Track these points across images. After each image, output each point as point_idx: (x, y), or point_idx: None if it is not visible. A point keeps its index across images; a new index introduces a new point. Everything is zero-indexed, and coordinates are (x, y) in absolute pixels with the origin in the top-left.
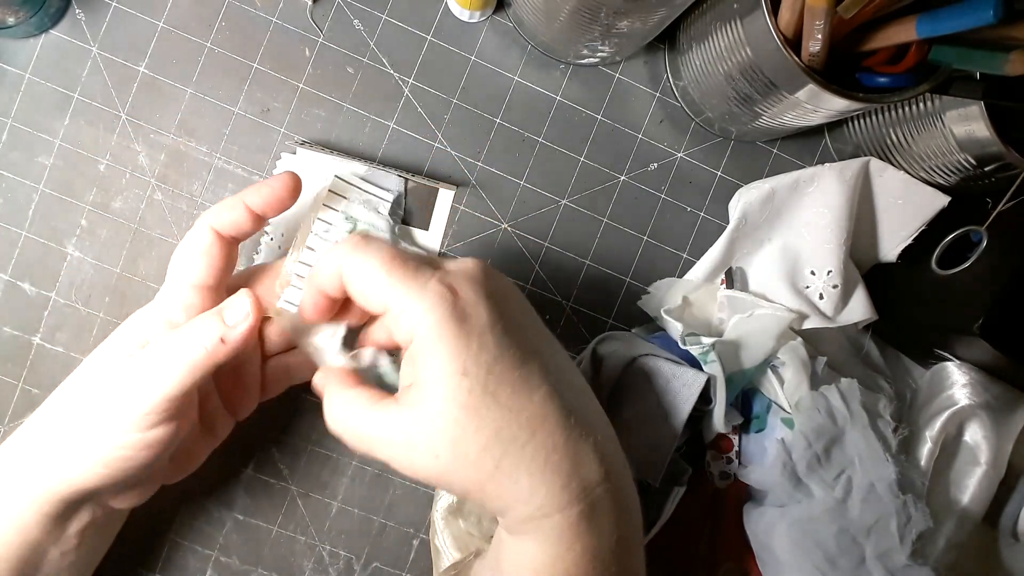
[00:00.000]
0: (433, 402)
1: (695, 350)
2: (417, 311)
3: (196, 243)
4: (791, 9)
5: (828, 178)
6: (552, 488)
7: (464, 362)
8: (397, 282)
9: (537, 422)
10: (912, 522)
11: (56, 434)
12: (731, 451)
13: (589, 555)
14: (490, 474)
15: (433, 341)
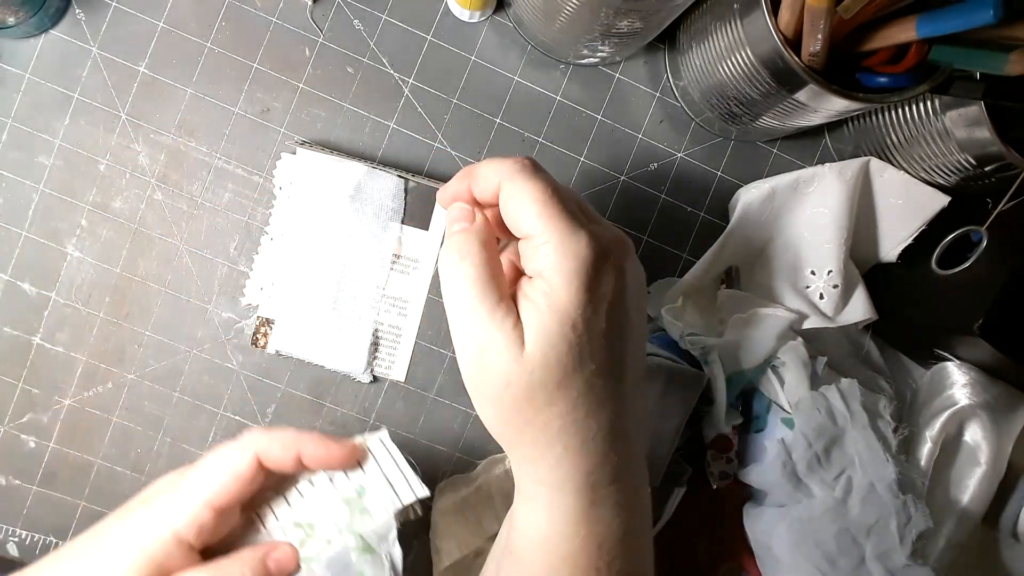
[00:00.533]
0: (535, 335)
1: (695, 350)
2: (560, 250)
3: (234, 464)
4: (791, 9)
5: (828, 178)
6: (578, 469)
7: (577, 318)
8: (553, 216)
9: (598, 405)
10: (912, 522)
11: None
12: (731, 451)
13: (595, 543)
14: (536, 426)
15: (562, 284)
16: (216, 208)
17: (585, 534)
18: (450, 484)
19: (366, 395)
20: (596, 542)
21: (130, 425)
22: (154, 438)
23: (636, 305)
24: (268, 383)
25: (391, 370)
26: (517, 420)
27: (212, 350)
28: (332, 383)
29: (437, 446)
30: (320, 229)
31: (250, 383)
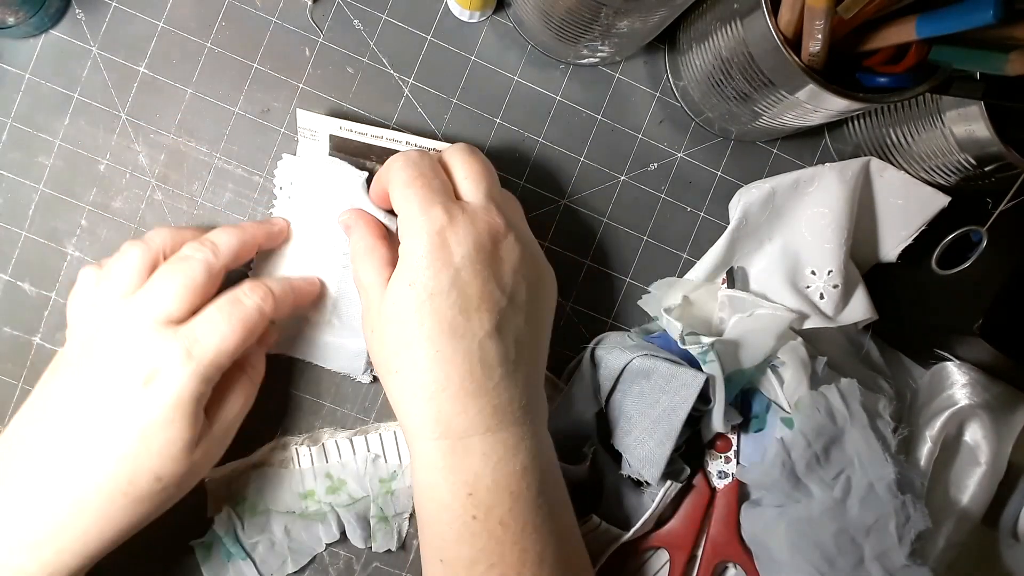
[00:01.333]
0: (387, 294)
1: (694, 350)
2: (410, 225)
3: (252, 326)
4: (791, 9)
5: (828, 178)
6: (430, 418)
7: (415, 278)
8: (410, 195)
9: (442, 360)
10: (911, 522)
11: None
12: (730, 451)
13: (464, 491)
14: (394, 376)
15: (407, 249)
16: (216, 208)
17: (453, 480)
18: None
19: (366, 395)
20: (465, 490)
21: None
22: None
23: (513, 284)
24: (269, 383)
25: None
26: (380, 367)
27: None
28: (332, 383)
29: None
30: (319, 229)
31: None
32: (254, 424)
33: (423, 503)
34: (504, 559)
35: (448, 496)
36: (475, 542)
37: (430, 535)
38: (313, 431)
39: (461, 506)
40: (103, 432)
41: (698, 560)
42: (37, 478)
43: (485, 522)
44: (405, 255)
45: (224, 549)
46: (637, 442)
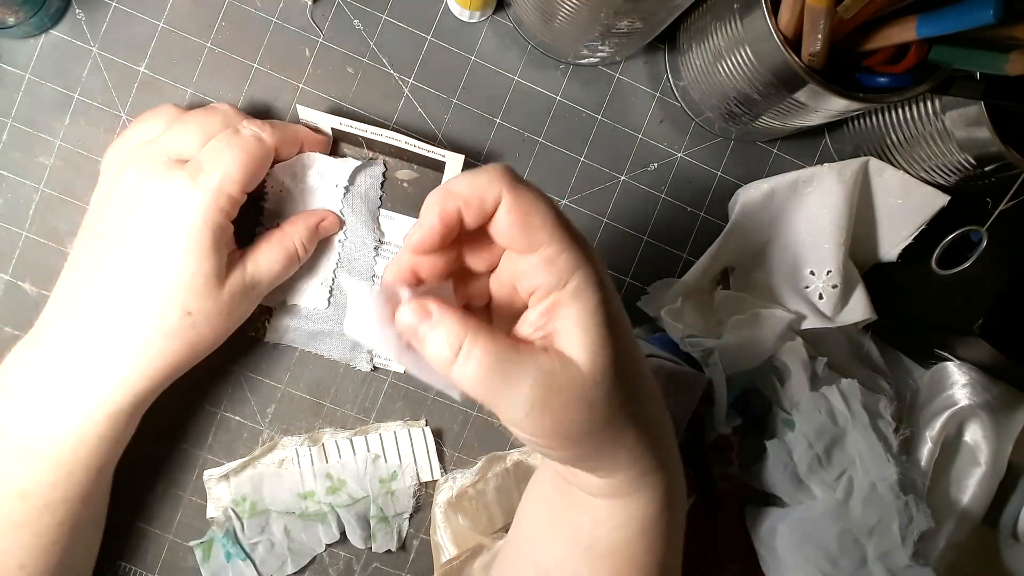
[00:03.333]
0: (583, 344)
1: (695, 352)
2: (578, 257)
3: (258, 158)
4: (791, 9)
5: (827, 178)
6: (647, 454)
7: (611, 312)
8: (565, 227)
9: (646, 396)
10: (914, 522)
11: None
12: (732, 452)
13: (664, 538)
14: (620, 429)
15: (590, 287)
16: None
17: (670, 520)
18: (450, 481)
19: (366, 395)
20: (665, 537)
21: None
22: (154, 439)
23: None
24: (268, 383)
25: (391, 361)
26: (604, 430)
27: None
28: (332, 383)
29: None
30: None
31: (250, 383)
32: (254, 424)
33: (608, 566)
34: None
35: (660, 543)
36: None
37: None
38: (313, 431)
39: (668, 546)
40: (130, 270)
41: (701, 562)
42: (78, 325)
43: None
44: (589, 291)
45: (224, 549)
46: None
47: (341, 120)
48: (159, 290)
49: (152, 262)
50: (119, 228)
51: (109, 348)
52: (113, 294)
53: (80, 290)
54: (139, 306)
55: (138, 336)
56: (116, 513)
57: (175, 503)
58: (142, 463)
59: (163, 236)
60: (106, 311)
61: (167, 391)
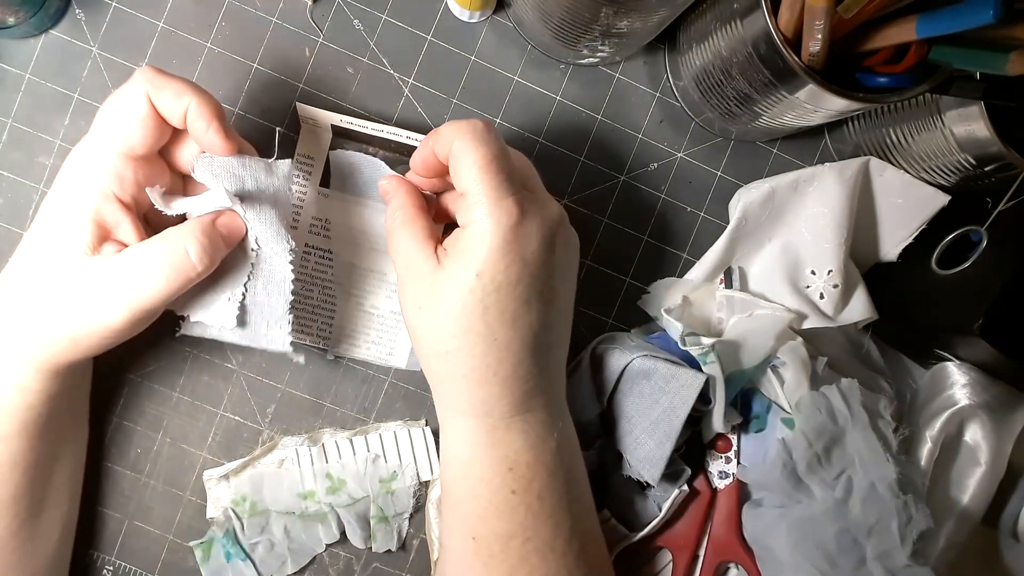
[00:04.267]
0: (445, 277)
1: (695, 350)
2: (481, 211)
3: (133, 110)
4: (791, 9)
5: (828, 178)
6: (478, 398)
7: (484, 269)
8: (487, 180)
9: (499, 348)
10: (913, 522)
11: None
12: (730, 451)
13: (505, 465)
14: (445, 358)
15: (476, 237)
16: None
17: (494, 456)
18: None
19: (366, 395)
20: (506, 464)
21: (130, 425)
22: (154, 438)
23: (561, 270)
24: (268, 383)
25: (392, 357)
26: (426, 345)
27: (212, 349)
28: (332, 383)
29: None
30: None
31: (250, 383)
32: (254, 424)
33: (459, 479)
34: (539, 533)
35: (489, 471)
36: (513, 516)
37: (464, 512)
38: (313, 431)
39: (502, 480)
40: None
41: (700, 560)
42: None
43: (524, 496)
44: (474, 243)
45: (224, 550)
46: (637, 442)
47: (341, 117)
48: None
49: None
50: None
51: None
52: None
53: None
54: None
55: (23, 287)
56: (116, 513)
57: (175, 503)
58: (142, 463)
59: (51, 192)
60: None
61: (167, 391)
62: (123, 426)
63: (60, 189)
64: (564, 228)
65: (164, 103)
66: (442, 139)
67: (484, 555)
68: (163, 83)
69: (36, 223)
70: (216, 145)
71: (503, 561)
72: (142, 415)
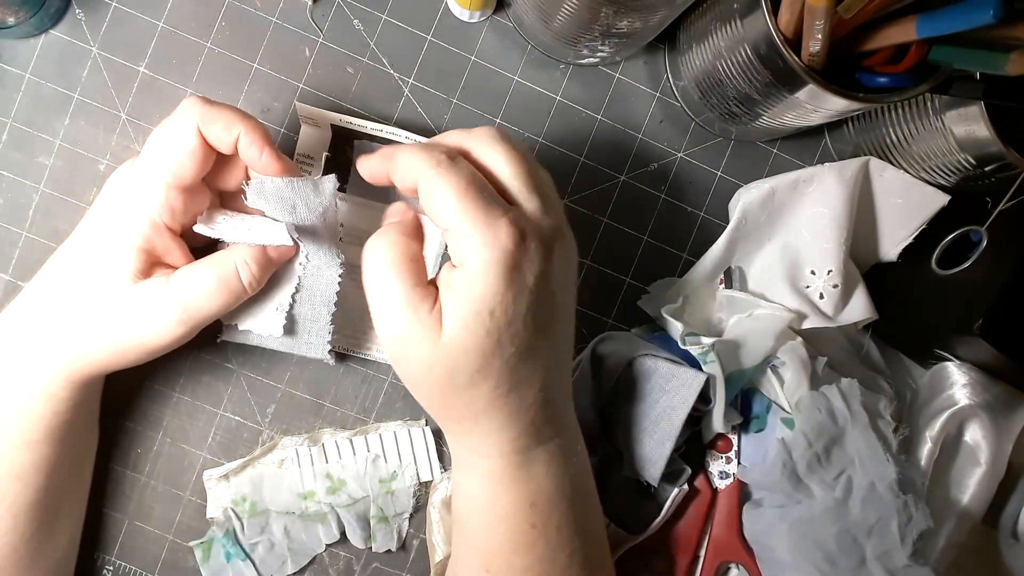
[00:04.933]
0: (452, 322)
1: (694, 350)
2: (475, 243)
3: (184, 143)
4: (791, 9)
5: (828, 178)
6: (504, 438)
7: (495, 305)
8: (470, 209)
9: (520, 382)
10: (913, 522)
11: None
12: (730, 451)
13: (527, 501)
14: (462, 405)
15: (480, 272)
16: None
17: (516, 492)
18: (445, 480)
19: (366, 395)
20: (528, 500)
21: (130, 425)
22: (154, 438)
23: (562, 283)
24: (268, 383)
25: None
26: (442, 400)
27: (212, 350)
28: (332, 383)
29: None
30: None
31: (250, 383)
32: (254, 424)
33: (477, 516)
34: (556, 563)
35: (510, 508)
36: (532, 551)
37: (479, 546)
38: (313, 431)
39: (523, 517)
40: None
41: (701, 561)
42: (24, 304)
43: (543, 530)
44: (474, 280)
45: (224, 550)
46: (637, 442)
47: (341, 116)
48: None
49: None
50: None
51: (41, 325)
52: (48, 272)
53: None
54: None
55: (62, 313)
56: (116, 513)
57: (175, 503)
58: (142, 463)
59: (93, 213)
60: (42, 289)
61: (167, 391)
62: (123, 426)
63: (105, 215)
64: (563, 236)
65: (215, 134)
66: (400, 171)
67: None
68: (213, 116)
69: (77, 244)
70: (270, 168)
71: None
72: (142, 415)
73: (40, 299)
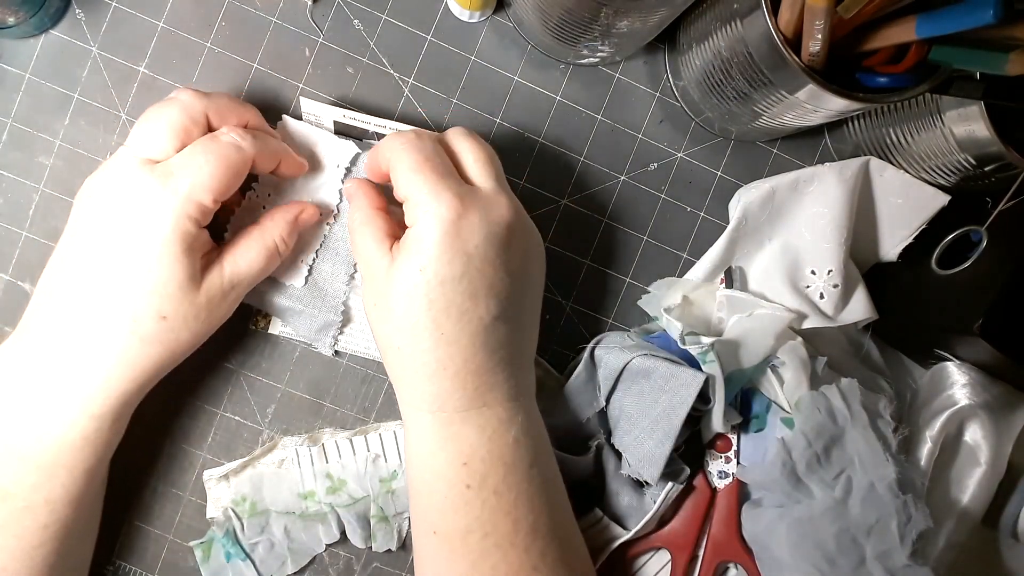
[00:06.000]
0: (393, 274)
1: (694, 350)
2: (421, 209)
3: (236, 177)
4: (791, 9)
5: (828, 178)
6: (431, 393)
7: (426, 263)
8: (419, 180)
9: (448, 342)
10: (912, 522)
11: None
12: (730, 451)
13: (459, 460)
14: (399, 354)
15: (418, 234)
16: None
17: (449, 451)
18: None
19: (366, 395)
20: (460, 459)
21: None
22: (154, 438)
23: (518, 268)
24: (268, 383)
25: (351, 344)
26: (381, 340)
27: (212, 349)
28: (332, 383)
29: None
30: (308, 198)
31: (250, 383)
32: (254, 424)
33: (417, 474)
34: (497, 528)
35: (444, 466)
36: (469, 511)
37: (424, 507)
38: (313, 431)
39: (456, 475)
40: (104, 274)
41: (699, 560)
42: (58, 328)
43: (479, 491)
44: (416, 240)
45: (224, 550)
46: (636, 441)
47: (344, 112)
48: (133, 296)
49: (124, 267)
50: (95, 231)
51: (89, 352)
52: (89, 298)
53: (59, 293)
54: (115, 311)
55: (116, 340)
56: (116, 513)
57: (175, 503)
58: (142, 463)
59: (134, 241)
60: (84, 315)
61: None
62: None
63: (145, 234)
64: (517, 221)
65: (261, 165)
66: (381, 154)
67: (445, 550)
68: (262, 148)
69: (111, 261)
70: (303, 169)
71: (464, 556)
72: (142, 415)
73: (78, 322)
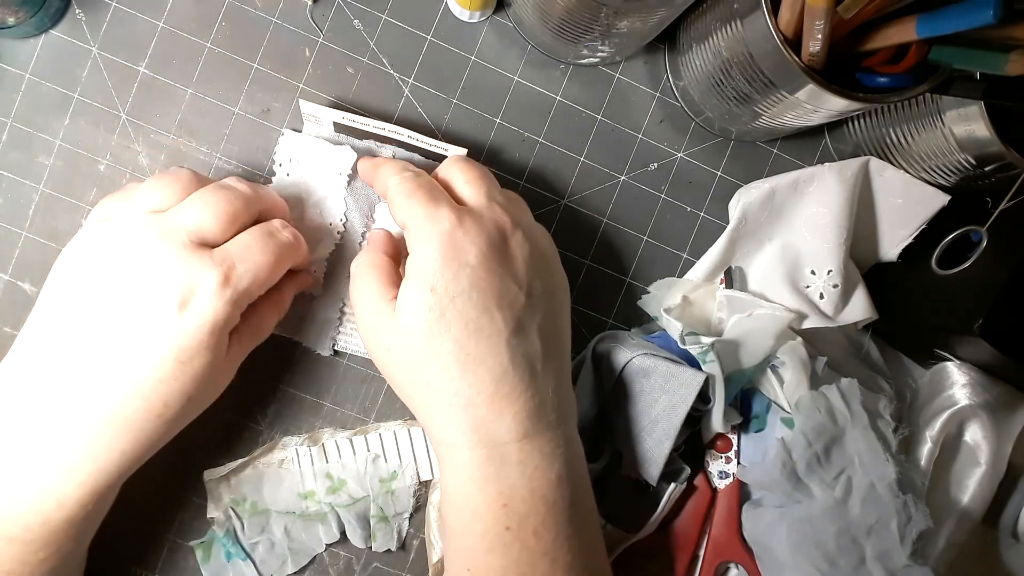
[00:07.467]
0: (401, 306)
1: (694, 349)
2: (420, 228)
3: (286, 261)
4: (791, 9)
5: (828, 178)
6: (467, 426)
7: (434, 280)
8: (413, 204)
9: (473, 363)
10: (912, 522)
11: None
12: (730, 451)
13: (500, 501)
14: (422, 387)
15: (420, 257)
16: None
17: (488, 491)
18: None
19: (366, 395)
20: (500, 500)
21: None
22: None
23: (526, 277)
24: (268, 383)
25: (349, 345)
26: (405, 383)
27: None
28: (332, 383)
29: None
30: (314, 207)
31: (250, 383)
32: (254, 424)
33: (454, 513)
34: (535, 569)
35: (482, 506)
36: (507, 553)
37: (459, 545)
38: (313, 431)
39: (495, 517)
40: (138, 355)
41: (700, 561)
42: (68, 401)
43: (518, 532)
44: (419, 261)
45: (224, 549)
46: (636, 441)
47: (344, 113)
48: (168, 382)
49: (165, 352)
50: (128, 307)
51: (102, 430)
52: (115, 377)
53: (71, 363)
54: (145, 394)
55: (138, 423)
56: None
57: (175, 503)
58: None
59: (181, 328)
60: (106, 393)
61: None
62: None
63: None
64: (518, 233)
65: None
66: (379, 181)
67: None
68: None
69: (137, 328)
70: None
71: None
72: None
73: (111, 406)
